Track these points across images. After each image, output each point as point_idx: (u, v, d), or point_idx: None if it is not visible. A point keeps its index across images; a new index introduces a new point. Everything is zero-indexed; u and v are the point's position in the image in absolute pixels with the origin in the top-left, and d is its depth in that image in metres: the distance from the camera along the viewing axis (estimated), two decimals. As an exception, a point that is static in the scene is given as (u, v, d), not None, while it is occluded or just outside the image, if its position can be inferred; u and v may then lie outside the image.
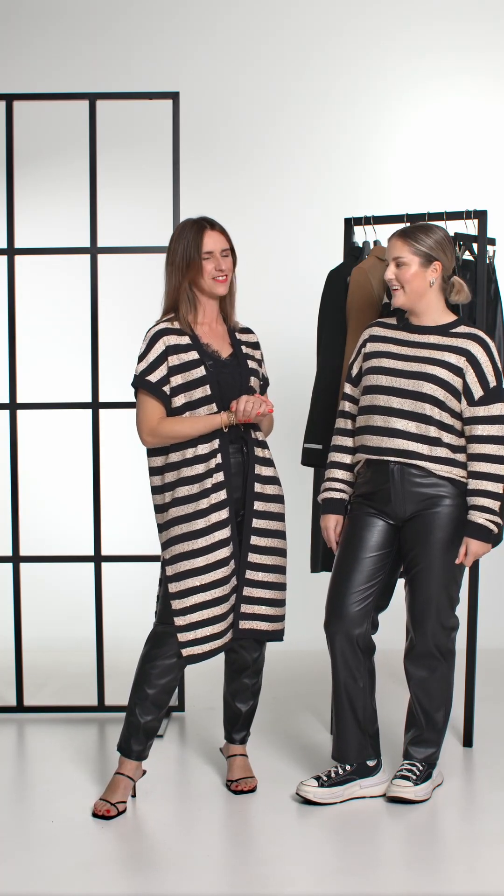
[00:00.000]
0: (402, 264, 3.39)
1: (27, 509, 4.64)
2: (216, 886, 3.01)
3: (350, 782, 3.50)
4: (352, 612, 3.44)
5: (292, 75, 5.43)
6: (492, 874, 3.07)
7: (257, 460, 3.44)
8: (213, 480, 3.35)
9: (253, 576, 3.43)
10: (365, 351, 3.55)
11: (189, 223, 3.42)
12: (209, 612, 3.35)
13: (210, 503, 3.35)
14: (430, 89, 5.45)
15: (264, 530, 3.45)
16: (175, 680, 3.42)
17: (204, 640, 3.36)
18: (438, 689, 3.52)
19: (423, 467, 3.39)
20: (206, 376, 3.37)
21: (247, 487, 3.42)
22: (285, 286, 5.36)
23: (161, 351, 3.39)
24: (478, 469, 3.39)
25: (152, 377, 3.38)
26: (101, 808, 3.38)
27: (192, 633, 3.35)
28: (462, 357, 3.39)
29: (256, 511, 3.43)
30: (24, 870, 3.08)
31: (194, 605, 3.34)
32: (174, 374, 3.38)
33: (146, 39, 5.41)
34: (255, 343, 3.57)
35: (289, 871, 3.07)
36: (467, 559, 3.42)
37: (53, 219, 5.31)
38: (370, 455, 3.46)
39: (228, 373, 3.41)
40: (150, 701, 3.40)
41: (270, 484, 3.48)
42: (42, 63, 5.38)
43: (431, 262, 3.39)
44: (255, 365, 3.51)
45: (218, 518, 3.36)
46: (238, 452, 3.43)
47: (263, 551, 3.45)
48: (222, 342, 3.48)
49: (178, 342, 3.39)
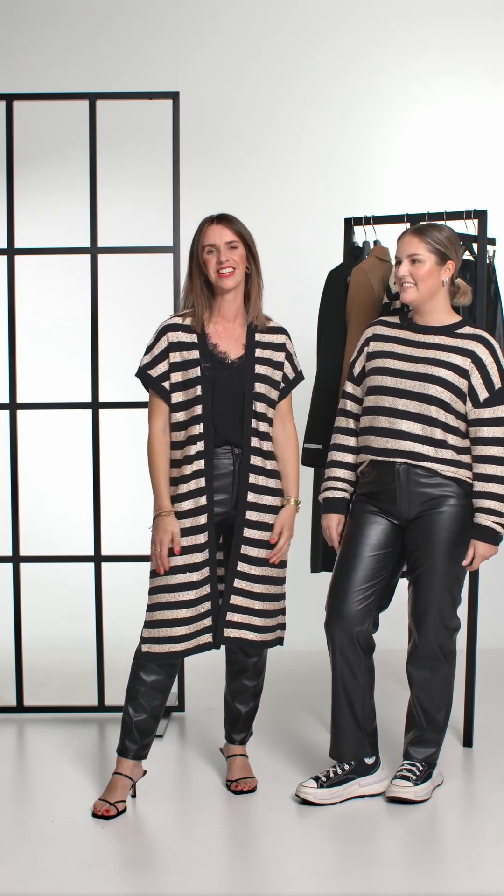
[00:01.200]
0: (417, 261, 3.37)
1: (27, 509, 4.64)
2: (216, 886, 3.01)
3: (349, 781, 3.50)
4: (353, 609, 3.44)
5: (292, 75, 5.43)
6: (492, 874, 3.07)
7: (253, 469, 3.39)
8: (192, 486, 3.34)
9: (241, 585, 3.39)
10: (368, 350, 3.54)
11: (202, 221, 3.41)
12: (171, 614, 3.33)
13: (186, 507, 3.34)
14: (430, 89, 5.45)
15: (256, 540, 3.41)
16: (167, 679, 3.41)
17: (162, 640, 3.34)
18: (440, 690, 3.52)
19: (428, 468, 3.38)
20: (199, 377, 3.35)
21: (238, 495, 3.40)
22: (285, 286, 5.35)
23: (164, 346, 3.38)
24: (484, 471, 3.39)
25: (153, 371, 3.39)
26: (100, 808, 3.38)
27: (154, 630, 3.35)
28: (467, 359, 3.39)
29: (248, 521, 3.40)
30: (24, 870, 3.07)
31: (158, 604, 3.35)
32: (174, 370, 3.37)
33: (146, 39, 5.41)
34: (279, 344, 3.47)
35: (289, 871, 3.07)
36: (475, 562, 3.42)
37: (53, 219, 5.31)
38: (375, 456, 3.45)
39: (227, 376, 3.37)
40: (141, 698, 3.40)
41: (268, 494, 3.42)
42: (42, 63, 5.38)
43: (446, 260, 3.38)
44: (269, 369, 3.43)
45: (195, 523, 3.34)
46: (229, 454, 3.40)
47: (254, 561, 3.41)
48: (235, 343, 3.42)
49: (183, 339, 3.38)
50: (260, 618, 3.42)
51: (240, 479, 3.38)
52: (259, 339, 3.45)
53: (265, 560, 3.43)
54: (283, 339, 3.49)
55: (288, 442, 3.52)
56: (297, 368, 3.55)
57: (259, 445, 3.41)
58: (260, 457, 3.41)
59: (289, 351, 3.51)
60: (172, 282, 4.23)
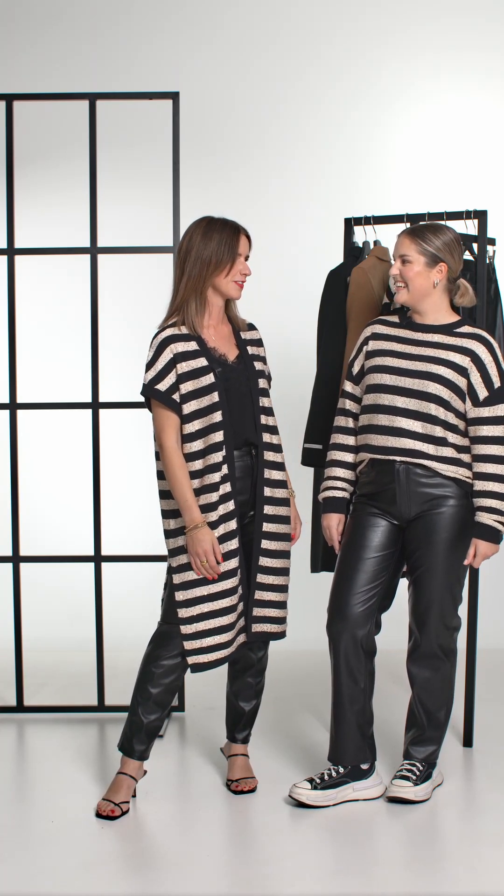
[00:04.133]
0: (407, 262, 3.39)
1: (27, 509, 4.64)
2: (216, 886, 3.01)
3: (343, 785, 3.49)
4: (355, 612, 3.44)
5: (292, 75, 5.43)
6: (492, 874, 3.07)
7: (267, 464, 3.43)
8: (220, 492, 3.32)
9: (263, 579, 3.44)
10: (367, 349, 3.54)
11: (218, 223, 3.37)
12: (215, 622, 3.34)
13: (218, 515, 3.32)
14: (430, 89, 5.45)
15: (274, 534, 3.45)
16: (178, 680, 3.42)
17: (209, 649, 3.35)
18: (441, 689, 3.52)
19: (428, 467, 3.38)
20: (214, 383, 3.33)
21: (256, 492, 3.42)
22: (285, 286, 5.36)
23: (169, 359, 3.34)
24: (484, 470, 3.39)
25: (161, 386, 3.33)
26: (104, 809, 3.38)
27: (199, 641, 3.34)
28: (467, 357, 3.39)
29: (267, 515, 3.44)
30: (24, 870, 3.08)
31: (201, 615, 3.34)
32: (184, 381, 3.33)
33: (146, 39, 5.41)
34: (259, 340, 3.54)
35: (289, 871, 3.07)
36: (476, 560, 3.42)
37: (53, 219, 5.31)
38: (375, 454, 3.45)
39: (236, 378, 3.39)
40: (154, 700, 3.39)
41: (280, 487, 3.47)
42: (42, 63, 5.38)
43: (437, 263, 3.38)
44: (261, 365, 3.50)
45: (226, 530, 3.34)
46: (246, 455, 3.41)
47: (273, 555, 3.46)
48: (228, 344, 3.44)
49: (186, 349, 3.35)
50: (278, 609, 3.48)
51: (256, 477, 3.41)
52: (245, 338, 3.50)
53: (280, 552, 3.47)
54: (259, 335, 3.56)
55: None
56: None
57: (270, 440, 3.46)
58: (272, 451, 3.46)
59: (263, 345, 3.59)
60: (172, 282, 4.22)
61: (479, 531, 3.39)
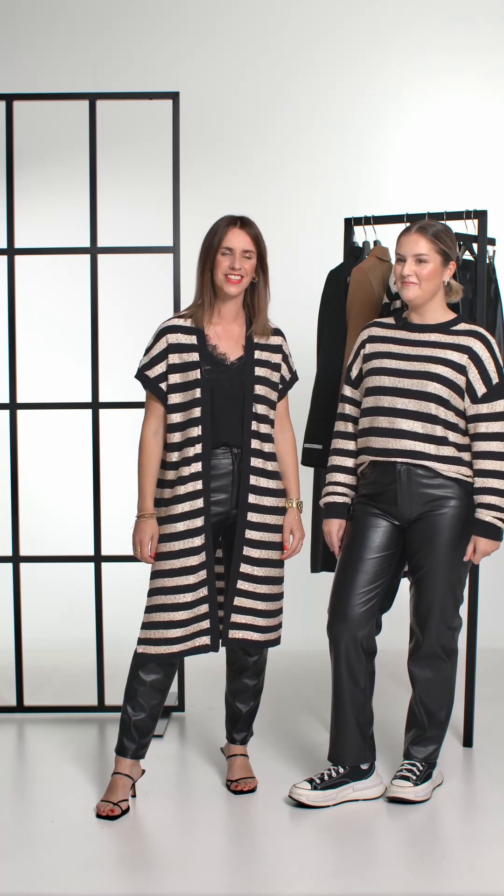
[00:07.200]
0: (423, 261, 3.35)
1: (27, 509, 4.64)
2: (216, 886, 3.01)
3: (343, 785, 3.49)
4: (356, 613, 3.44)
5: (292, 75, 5.43)
6: (492, 874, 3.07)
7: (253, 471, 3.39)
8: (190, 488, 3.33)
9: (244, 586, 3.40)
10: (364, 352, 3.54)
11: (226, 218, 3.39)
12: (167, 616, 3.34)
13: (182, 510, 3.33)
14: (430, 89, 5.45)
15: (258, 541, 3.41)
16: (166, 679, 3.41)
17: (157, 641, 3.35)
18: (442, 688, 3.52)
19: (429, 467, 3.38)
20: (199, 380, 3.34)
21: (239, 497, 3.39)
22: (285, 286, 5.34)
23: (163, 348, 3.37)
24: (483, 467, 3.39)
25: (150, 372, 3.39)
26: (104, 809, 3.38)
27: (149, 632, 3.36)
28: (464, 354, 3.38)
29: (251, 522, 3.40)
30: (24, 870, 3.07)
31: (154, 606, 3.36)
32: (173, 372, 3.36)
33: (146, 39, 5.41)
34: (276, 346, 3.47)
35: (289, 871, 3.07)
36: (476, 556, 3.41)
37: (53, 219, 5.31)
38: (376, 457, 3.45)
39: (227, 378, 3.37)
40: (140, 698, 3.40)
41: (269, 496, 3.42)
42: (42, 63, 5.38)
43: (449, 261, 3.39)
44: (268, 371, 3.43)
45: (190, 526, 3.34)
46: (227, 454, 3.39)
47: (256, 563, 3.41)
48: (234, 345, 3.42)
49: (183, 341, 3.37)
50: (263, 618, 3.43)
51: (240, 481, 3.38)
52: (258, 341, 3.45)
53: (267, 560, 3.43)
54: (279, 341, 3.49)
55: (286, 443, 3.53)
56: (292, 369, 3.56)
57: (260, 447, 3.41)
58: (261, 458, 3.41)
59: (285, 352, 3.51)
60: (172, 282, 4.23)
61: (479, 528, 3.39)
